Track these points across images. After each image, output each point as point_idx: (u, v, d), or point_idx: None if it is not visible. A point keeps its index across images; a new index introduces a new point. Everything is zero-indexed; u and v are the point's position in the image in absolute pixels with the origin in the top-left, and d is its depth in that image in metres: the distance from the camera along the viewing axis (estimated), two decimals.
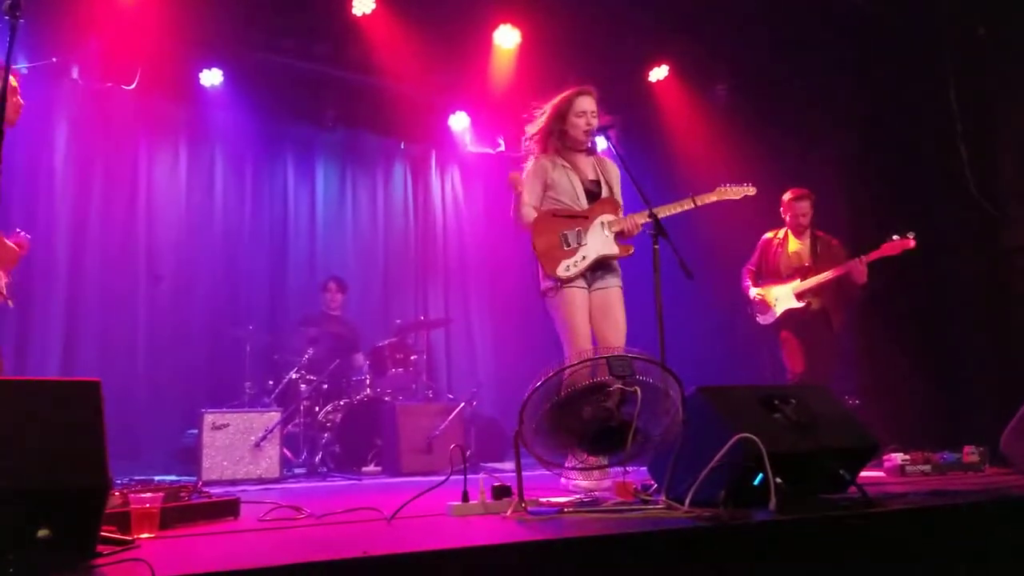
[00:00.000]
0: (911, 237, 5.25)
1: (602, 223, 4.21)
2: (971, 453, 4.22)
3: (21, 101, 4.01)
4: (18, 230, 4.50)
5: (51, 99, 6.77)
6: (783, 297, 5.64)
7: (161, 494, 2.47)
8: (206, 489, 3.02)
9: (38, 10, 5.76)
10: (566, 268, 4.14)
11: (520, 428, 2.74)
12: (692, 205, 4.26)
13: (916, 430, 5.35)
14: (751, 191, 4.45)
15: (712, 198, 4.36)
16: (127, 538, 2.17)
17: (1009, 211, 5.73)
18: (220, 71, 7.16)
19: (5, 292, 3.97)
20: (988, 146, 5.86)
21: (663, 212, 4.04)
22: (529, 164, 4.39)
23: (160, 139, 7.50)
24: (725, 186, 4.40)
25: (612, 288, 4.25)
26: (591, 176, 4.35)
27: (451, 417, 6.30)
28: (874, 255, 5.32)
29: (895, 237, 5.28)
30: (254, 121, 7.58)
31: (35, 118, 6.71)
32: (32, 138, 6.62)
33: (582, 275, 4.17)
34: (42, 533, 1.74)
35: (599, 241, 4.19)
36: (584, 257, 4.15)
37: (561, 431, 2.84)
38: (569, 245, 4.17)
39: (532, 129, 4.39)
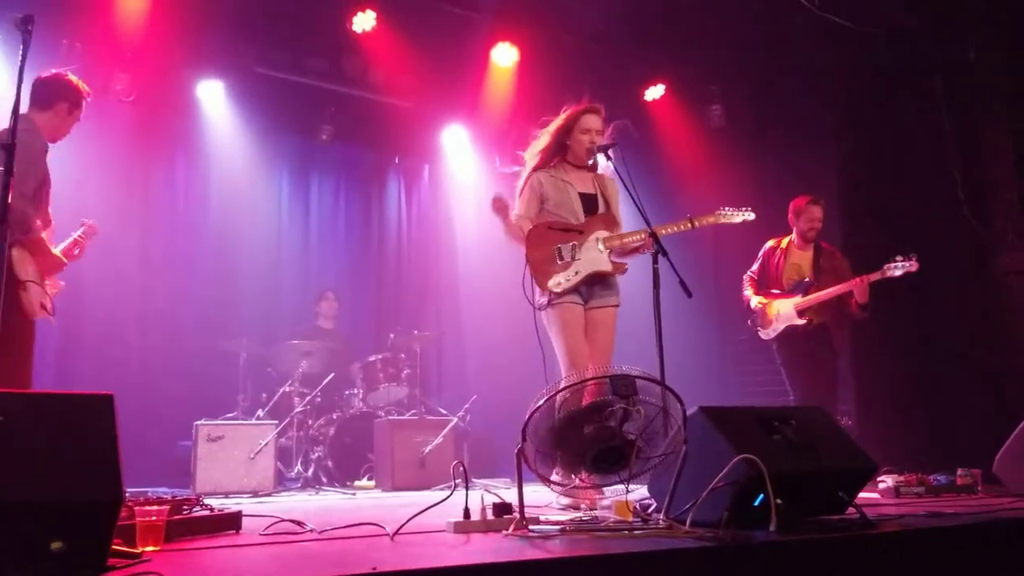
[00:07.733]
0: (914, 259, 5.16)
1: (597, 239, 4.21)
2: (964, 475, 4.24)
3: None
4: (85, 220, 4.38)
5: None
6: (784, 313, 5.54)
7: (166, 507, 2.46)
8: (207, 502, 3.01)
9: (38, 21, 5.74)
10: (557, 283, 4.13)
11: (522, 446, 2.75)
12: (689, 226, 4.23)
13: (909, 452, 5.36)
14: (750, 216, 4.43)
15: (709, 220, 4.34)
16: (135, 551, 2.17)
17: (1001, 233, 5.78)
18: (220, 82, 7.19)
19: (49, 308, 3.75)
20: (980, 169, 5.91)
21: (660, 231, 3.95)
22: (521, 180, 4.41)
23: (156, 151, 7.49)
24: (724, 209, 4.38)
25: (609, 308, 4.25)
26: (589, 190, 4.36)
27: (444, 433, 6.31)
28: (876, 275, 5.24)
29: (899, 258, 5.18)
30: (250, 134, 7.59)
31: None
32: None
33: (576, 291, 4.16)
34: (55, 545, 1.74)
35: (593, 257, 4.18)
36: (577, 272, 4.14)
37: (563, 450, 2.86)
38: (563, 259, 4.16)
39: (539, 145, 4.40)
